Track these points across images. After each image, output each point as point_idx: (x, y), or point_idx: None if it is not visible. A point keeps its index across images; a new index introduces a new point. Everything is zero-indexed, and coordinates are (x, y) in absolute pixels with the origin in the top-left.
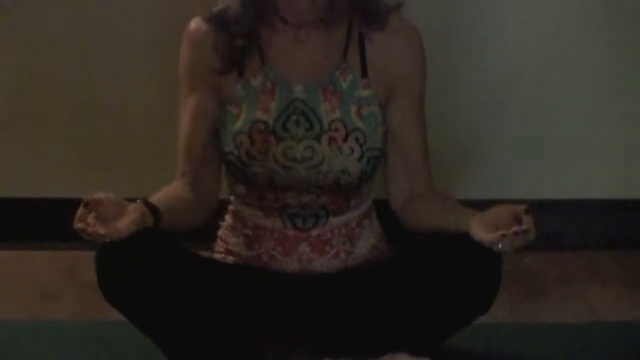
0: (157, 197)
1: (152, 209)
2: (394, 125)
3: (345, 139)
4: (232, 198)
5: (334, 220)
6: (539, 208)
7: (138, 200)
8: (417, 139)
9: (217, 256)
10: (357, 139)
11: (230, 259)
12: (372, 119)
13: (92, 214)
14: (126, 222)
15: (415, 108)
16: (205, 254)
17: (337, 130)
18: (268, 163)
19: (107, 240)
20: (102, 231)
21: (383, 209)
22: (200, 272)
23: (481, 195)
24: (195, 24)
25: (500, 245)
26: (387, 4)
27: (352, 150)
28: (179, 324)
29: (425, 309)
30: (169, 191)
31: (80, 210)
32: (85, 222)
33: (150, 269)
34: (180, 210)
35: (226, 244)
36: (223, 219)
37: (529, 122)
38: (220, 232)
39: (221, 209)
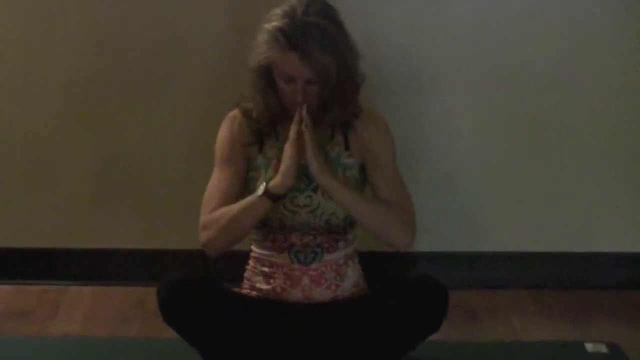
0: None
1: None
2: (375, 177)
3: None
4: (252, 247)
5: (327, 257)
6: (479, 258)
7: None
8: (389, 185)
9: (244, 291)
10: None
11: (253, 293)
12: (353, 179)
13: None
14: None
15: (388, 167)
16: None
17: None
18: (279, 209)
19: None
20: None
21: (365, 260)
22: (232, 302)
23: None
24: (233, 112)
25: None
26: (358, 106)
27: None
28: (217, 339)
29: (393, 329)
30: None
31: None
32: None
33: (196, 299)
34: None
35: (250, 282)
36: (247, 264)
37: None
38: (245, 274)
39: (245, 256)
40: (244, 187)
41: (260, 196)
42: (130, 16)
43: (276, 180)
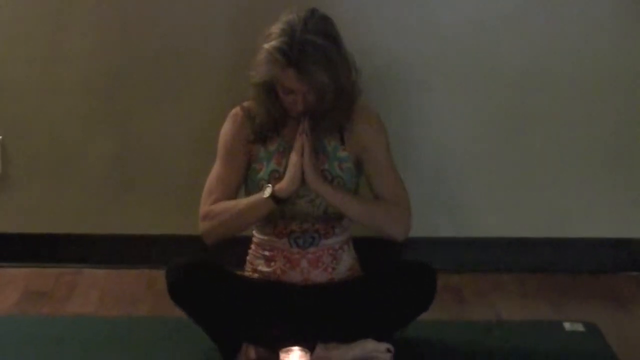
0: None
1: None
2: (371, 172)
3: (331, 182)
4: (254, 232)
5: (324, 242)
6: (466, 244)
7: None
8: (385, 179)
9: (247, 274)
10: (338, 183)
11: (255, 276)
12: (348, 171)
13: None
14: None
15: (383, 162)
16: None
17: (326, 176)
18: None
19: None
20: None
21: (359, 246)
22: (236, 284)
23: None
24: (235, 110)
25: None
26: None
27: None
28: (222, 319)
29: (386, 309)
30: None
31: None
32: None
33: (202, 281)
34: None
35: (252, 265)
36: (250, 248)
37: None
38: (248, 257)
39: (248, 241)
40: (244, 178)
41: (267, 198)
42: (144, 22)
43: (282, 185)
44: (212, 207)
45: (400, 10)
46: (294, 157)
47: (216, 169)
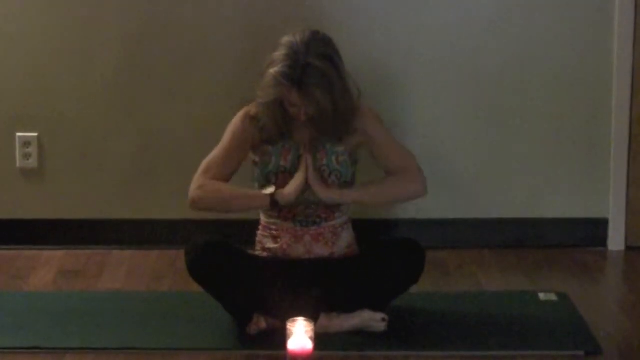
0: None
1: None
2: (377, 154)
3: (329, 175)
4: (262, 216)
5: (325, 224)
6: (451, 224)
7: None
8: (390, 154)
9: (257, 252)
10: (336, 175)
11: (264, 254)
12: (345, 164)
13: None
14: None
15: (384, 140)
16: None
17: (324, 170)
18: None
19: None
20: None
21: (357, 226)
22: (247, 262)
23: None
24: (245, 112)
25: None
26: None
27: (333, 181)
28: (235, 293)
29: (381, 282)
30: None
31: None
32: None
33: (217, 260)
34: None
35: (261, 244)
36: (258, 230)
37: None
38: (257, 238)
39: (257, 224)
40: (238, 169)
41: (265, 195)
42: (160, 34)
43: (284, 193)
44: (210, 182)
45: (395, 17)
46: (297, 175)
47: (218, 152)
